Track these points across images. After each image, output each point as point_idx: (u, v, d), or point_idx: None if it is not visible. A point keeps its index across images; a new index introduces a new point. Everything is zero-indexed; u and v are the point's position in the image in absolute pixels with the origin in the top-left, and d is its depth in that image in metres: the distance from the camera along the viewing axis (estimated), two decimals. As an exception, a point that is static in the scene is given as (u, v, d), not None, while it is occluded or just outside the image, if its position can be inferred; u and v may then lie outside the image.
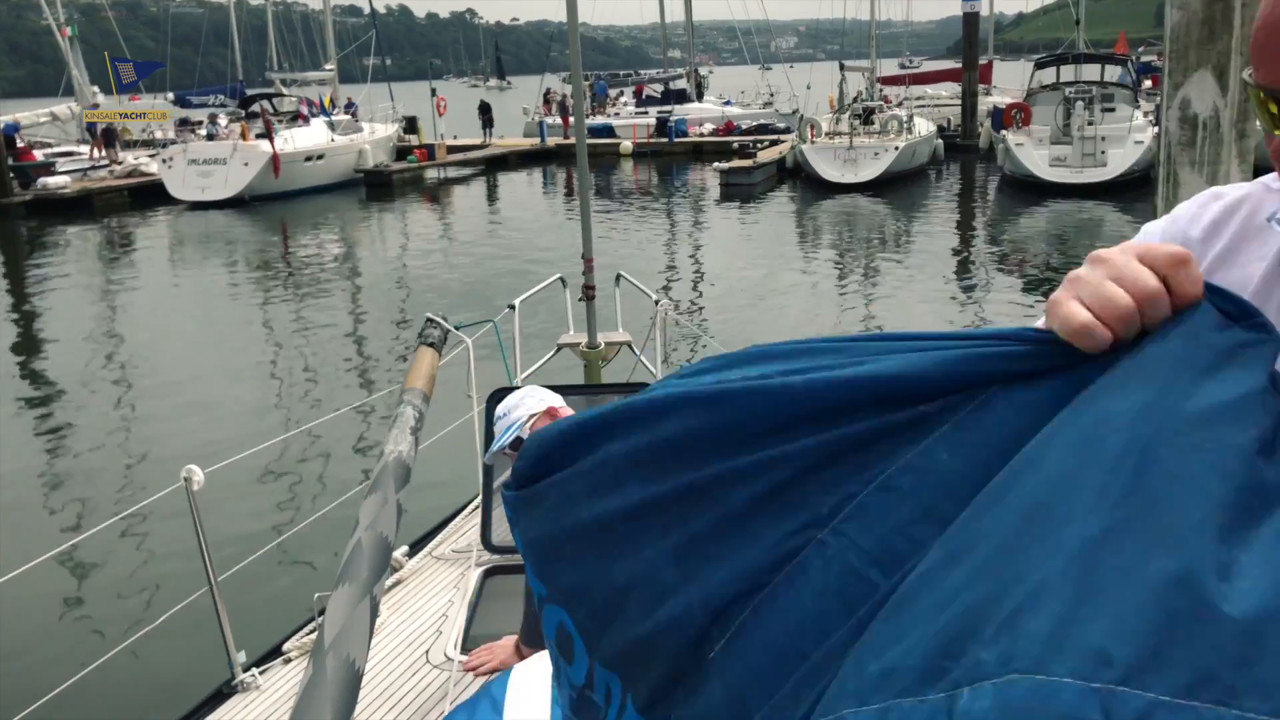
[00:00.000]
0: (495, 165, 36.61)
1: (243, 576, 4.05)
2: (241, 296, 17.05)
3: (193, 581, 3.76)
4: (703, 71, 49.33)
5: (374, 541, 2.83)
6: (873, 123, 29.27)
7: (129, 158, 31.82)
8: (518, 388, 3.49)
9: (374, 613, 2.72)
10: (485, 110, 39.83)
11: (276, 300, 16.36)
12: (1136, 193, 23.02)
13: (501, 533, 4.01)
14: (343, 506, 4.50)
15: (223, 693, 3.58)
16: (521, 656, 3.06)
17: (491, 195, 32.02)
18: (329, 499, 5.74)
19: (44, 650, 5.90)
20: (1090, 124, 24.35)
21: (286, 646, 3.82)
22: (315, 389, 11.08)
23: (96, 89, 36.26)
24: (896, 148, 27.19)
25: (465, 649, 3.57)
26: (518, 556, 3.34)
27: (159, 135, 35.10)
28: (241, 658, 3.64)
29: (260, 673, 3.66)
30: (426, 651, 3.64)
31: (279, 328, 14.49)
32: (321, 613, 2.44)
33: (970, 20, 35.35)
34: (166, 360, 12.88)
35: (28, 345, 14.42)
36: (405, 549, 4.52)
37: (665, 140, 38.45)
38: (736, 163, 29.59)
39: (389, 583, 4.24)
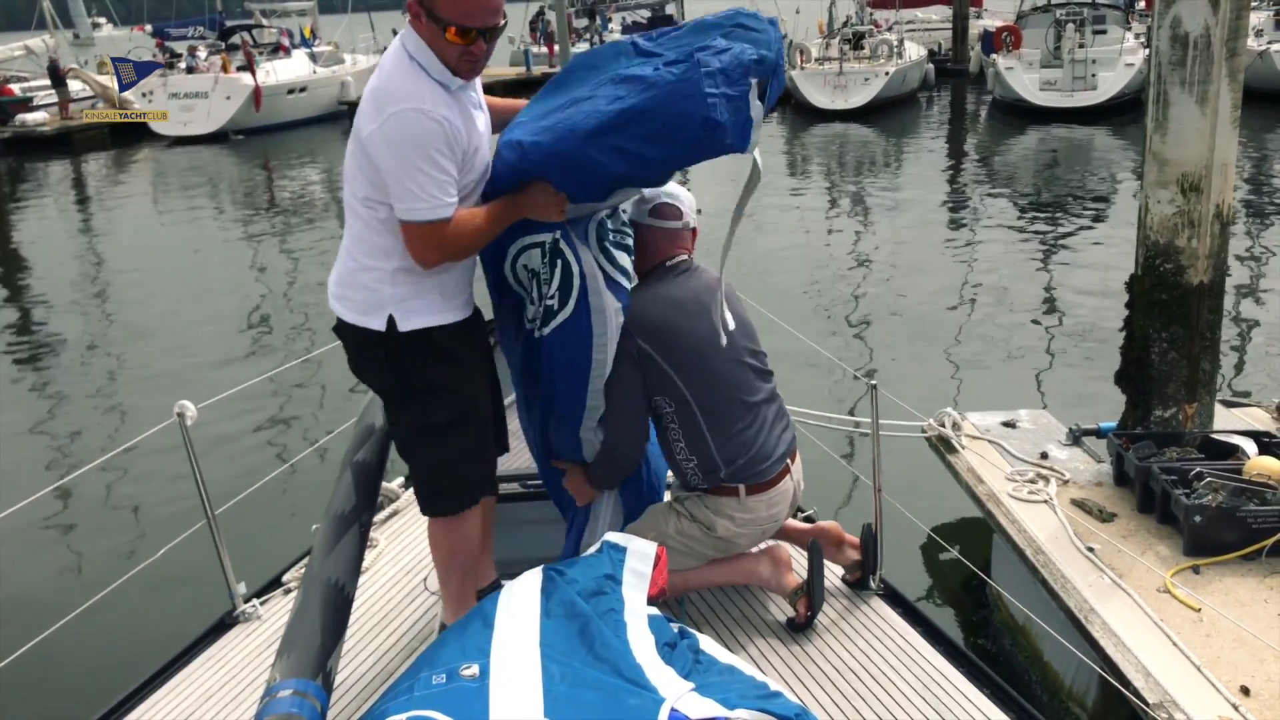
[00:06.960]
0: (481, 95, 36.05)
1: (241, 509, 4.07)
2: (229, 232, 16.90)
3: (190, 515, 3.78)
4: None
5: (362, 470, 2.86)
6: (863, 48, 28.89)
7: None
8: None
9: (364, 540, 2.76)
10: None
11: (265, 235, 16.23)
12: (1127, 116, 22.85)
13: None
14: (341, 439, 4.52)
15: (224, 623, 3.63)
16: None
17: (477, 126, 31.61)
18: (326, 432, 5.76)
19: (44, 586, 5.95)
20: (1081, 46, 24.06)
21: (286, 577, 3.86)
22: (306, 323, 11.05)
23: (104, 19, 35.09)
24: (887, 73, 26.88)
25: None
26: (512, 486, 3.44)
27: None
28: (242, 589, 3.68)
29: (261, 603, 3.70)
30: (424, 579, 3.69)
31: (268, 263, 14.39)
32: None
33: (961, -59, 34.71)
34: (155, 296, 12.81)
35: (13, 284, 14.32)
36: (401, 480, 4.56)
37: (652, 68, 37.81)
38: (725, 90, 29.20)
39: (386, 514, 4.28)
